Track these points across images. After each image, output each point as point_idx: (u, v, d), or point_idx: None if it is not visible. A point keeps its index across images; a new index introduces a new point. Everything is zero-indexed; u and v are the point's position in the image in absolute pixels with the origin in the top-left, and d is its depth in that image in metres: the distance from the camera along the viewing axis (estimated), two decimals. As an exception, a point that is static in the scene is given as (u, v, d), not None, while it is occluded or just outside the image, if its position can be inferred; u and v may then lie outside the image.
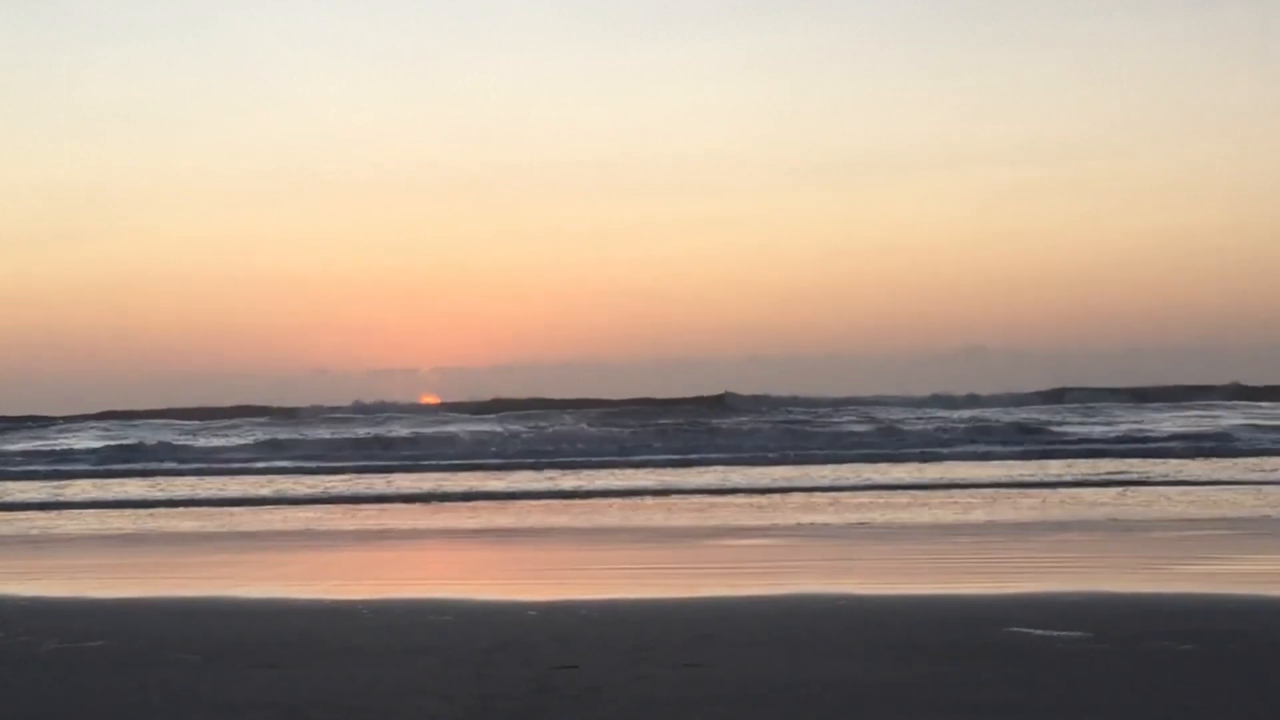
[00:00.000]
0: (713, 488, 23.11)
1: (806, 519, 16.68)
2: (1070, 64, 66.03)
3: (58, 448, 40.99)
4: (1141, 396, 54.07)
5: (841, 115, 68.30)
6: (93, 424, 55.27)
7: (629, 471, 28.44)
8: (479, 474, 28.65)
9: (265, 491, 24.16)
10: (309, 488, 24.97)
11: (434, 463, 33.45)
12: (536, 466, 30.91)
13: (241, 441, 42.27)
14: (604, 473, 28.11)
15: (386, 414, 55.51)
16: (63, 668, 7.18)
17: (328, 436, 45.22)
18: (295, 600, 9.99)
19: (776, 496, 20.98)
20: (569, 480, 25.73)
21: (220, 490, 24.58)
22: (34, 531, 17.27)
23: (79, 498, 23.31)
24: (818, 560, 12.62)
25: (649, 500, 20.88)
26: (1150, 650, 7.09)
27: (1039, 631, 7.67)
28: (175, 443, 42.22)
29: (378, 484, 25.59)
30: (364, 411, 56.22)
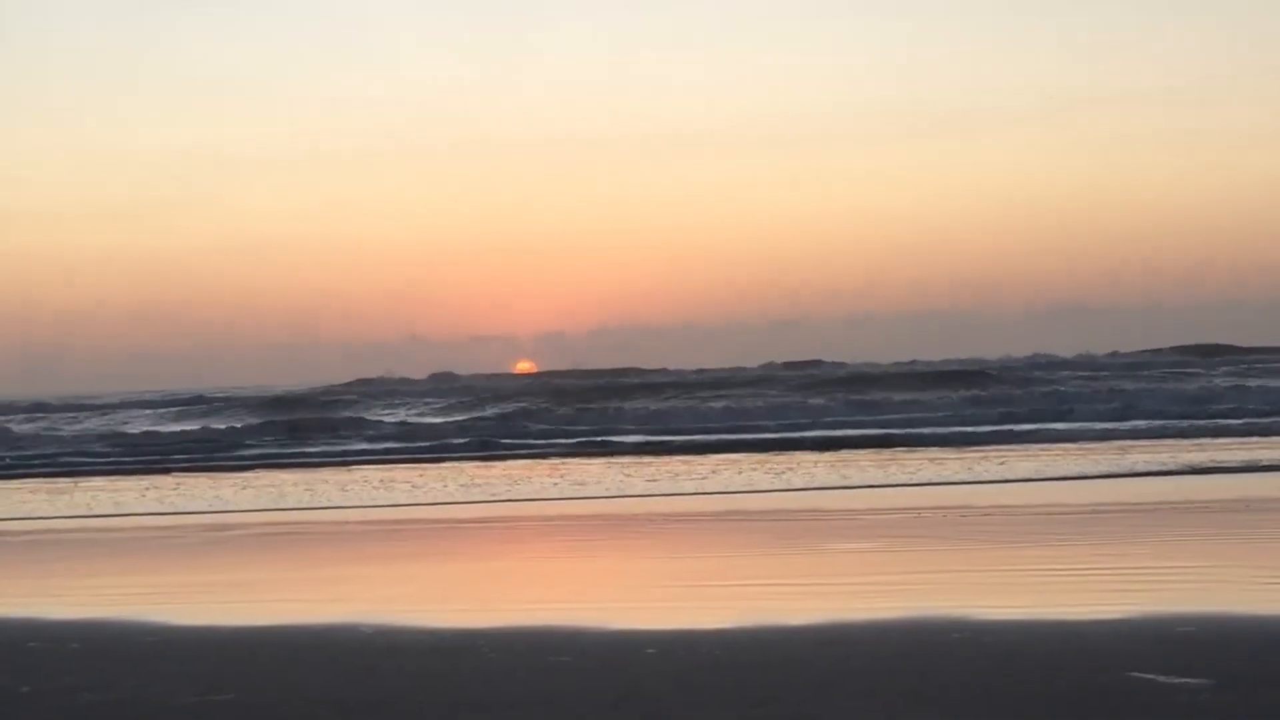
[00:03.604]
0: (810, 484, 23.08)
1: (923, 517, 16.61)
2: (1176, 8, 64.87)
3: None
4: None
5: (946, 67, 67.60)
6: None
7: (777, 456, 28.44)
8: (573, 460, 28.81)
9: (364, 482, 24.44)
10: (417, 479, 25.23)
11: (549, 442, 33.67)
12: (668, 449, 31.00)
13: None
14: (730, 457, 28.16)
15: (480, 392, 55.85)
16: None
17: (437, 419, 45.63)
18: (415, 632, 10.10)
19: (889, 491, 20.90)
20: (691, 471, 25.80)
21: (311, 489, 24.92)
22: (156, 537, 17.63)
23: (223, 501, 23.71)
24: (926, 573, 12.54)
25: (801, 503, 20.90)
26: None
27: (1161, 678, 7.60)
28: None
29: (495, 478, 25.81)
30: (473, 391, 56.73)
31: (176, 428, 47.71)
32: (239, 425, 45.82)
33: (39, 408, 62.08)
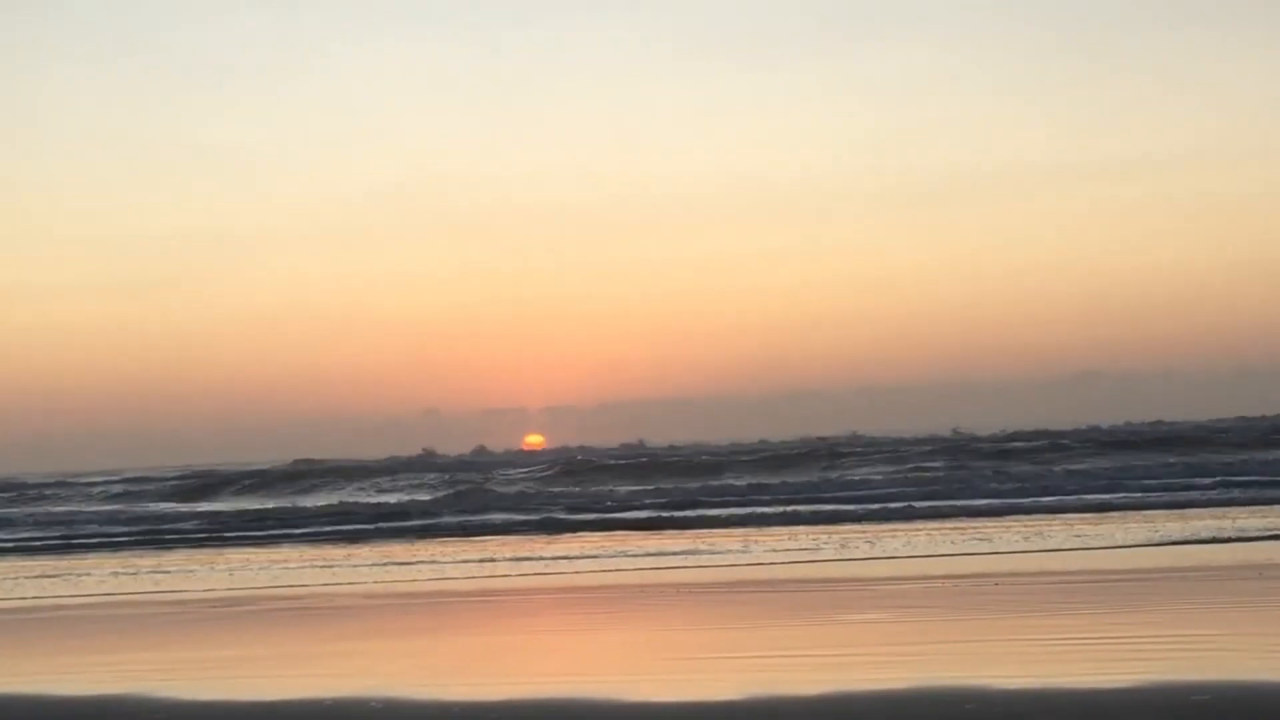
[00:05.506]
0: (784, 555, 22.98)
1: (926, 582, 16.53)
2: (1171, 79, 65.28)
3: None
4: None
5: (943, 137, 68.06)
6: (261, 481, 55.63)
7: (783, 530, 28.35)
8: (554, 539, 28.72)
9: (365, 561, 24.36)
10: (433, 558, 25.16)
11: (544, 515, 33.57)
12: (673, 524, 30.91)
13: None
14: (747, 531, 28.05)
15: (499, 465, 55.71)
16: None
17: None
18: (424, 705, 10.02)
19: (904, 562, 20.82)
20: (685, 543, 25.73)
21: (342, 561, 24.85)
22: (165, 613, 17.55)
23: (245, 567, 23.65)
24: (938, 643, 12.47)
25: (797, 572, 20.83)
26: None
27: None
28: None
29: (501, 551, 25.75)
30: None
31: (178, 505, 47.62)
32: (239, 505, 45.75)
33: (31, 485, 61.92)
